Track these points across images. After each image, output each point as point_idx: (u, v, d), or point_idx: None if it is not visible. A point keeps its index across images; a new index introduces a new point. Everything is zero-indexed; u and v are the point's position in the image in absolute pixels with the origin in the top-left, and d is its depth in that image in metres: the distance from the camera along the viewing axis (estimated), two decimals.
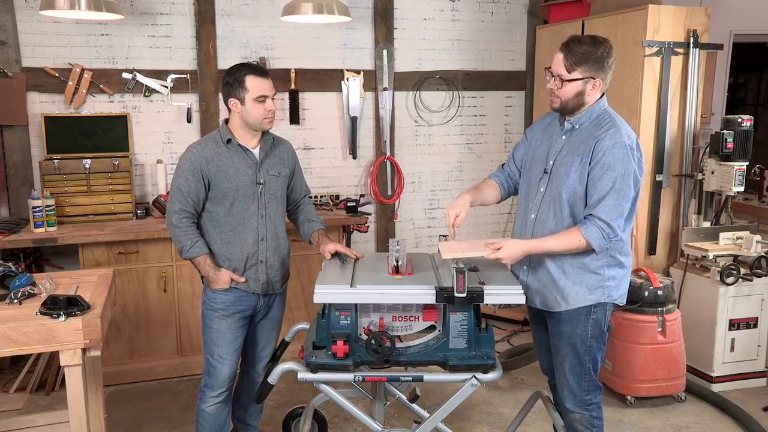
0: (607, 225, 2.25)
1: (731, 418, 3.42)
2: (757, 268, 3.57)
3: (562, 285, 2.39)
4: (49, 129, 3.87)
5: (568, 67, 2.28)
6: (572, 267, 2.38)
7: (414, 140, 4.82)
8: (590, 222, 2.27)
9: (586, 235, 2.26)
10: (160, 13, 4.12)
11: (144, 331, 3.80)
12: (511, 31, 4.94)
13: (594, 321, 2.41)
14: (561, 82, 2.30)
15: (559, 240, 2.31)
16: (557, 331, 2.47)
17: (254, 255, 2.64)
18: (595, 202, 2.27)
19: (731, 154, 3.72)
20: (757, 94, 7.37)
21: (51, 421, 2.95)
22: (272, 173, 2.68)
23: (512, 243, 2.33)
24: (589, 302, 2.39)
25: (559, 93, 2.33)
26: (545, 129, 2.53)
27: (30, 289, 2.40)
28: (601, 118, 2.34)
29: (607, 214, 2.24)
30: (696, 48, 3.89)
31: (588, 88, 2.31)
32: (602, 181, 2.25)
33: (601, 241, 2.26)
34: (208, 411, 2.71)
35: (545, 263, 2.41)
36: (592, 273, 2.38)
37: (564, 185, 2.33)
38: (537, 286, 2.46)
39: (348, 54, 4.55)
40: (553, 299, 2.42)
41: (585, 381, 2.46)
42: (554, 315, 2.45)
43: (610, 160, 2.24)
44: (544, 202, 2.42)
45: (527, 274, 2.49)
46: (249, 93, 2.53)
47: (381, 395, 2.79)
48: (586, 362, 2.44)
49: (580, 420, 2.50)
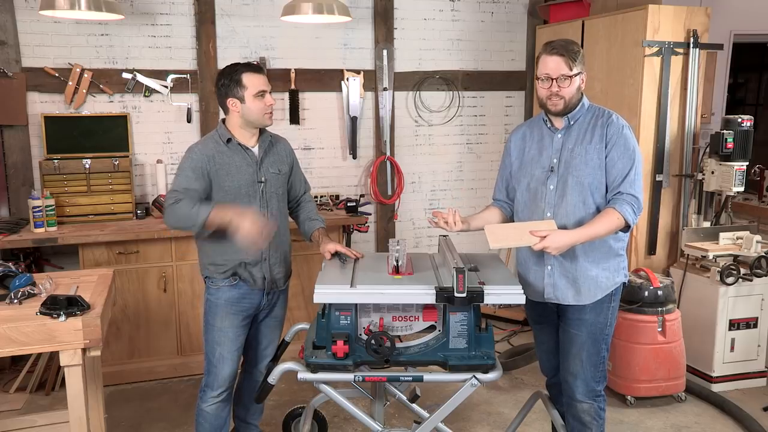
0: (635, 198, 2.37)
1: (731, 418, 3.42)
2: (757, 268, 3.57)
3: (594, 273, 2.46)
4: (49, 129, 3.87)
5: (570, 64, 2.38)
6: (600, 254, 2.46)
7: (414, 140, 4.82)
8: (621, 200, 2.37)
9: (622, 212, 2.34)
10: (160, 13, 4.12)
11: (144, 331, 3.80)
12: (511, 31, 4.94)
13: (613, 307, 2.52)
14: (569, 79, 2.38)
15: (602, 224, 2.36)
16: (578, 320, 2.51)
17: (256, 253, 2.64)
18: (620, 180, 2.39)
19: (731, 154, 3.71)
20: (757, 94, 7.36)
21: (51, 421, 2.96)
22: (272, 171, 2.68)
23: (559, 233, 2.34)
24: (616, 284, 2.50)
25: (563, 93, 2.40)
26: (526, 137, 2.60)
27: (30, 289, 2.41)
28: (594, 110, 2.49)
29: (633, 188, 2.38)
30: (696, 48, 3.89)
31: (581, 83, 2.45)
32: (622, 160, 2.38)
33: (633, 216, 2.37)
34: (208, 410, 2.71)
35: (576, 257, 2.46)
36: (617, 256, 2.49)
37: (584, 174, 2.42)
38: (567, 283, 2.49)
39: (348, 54, 4.55)
40: (587, 290, 2.47)
41: (599, 370, 2.54)
42: (576, 305, 2.49)
43: (624, 140, 2.39)
44: (559, 198, 2.45)
45: (553, 274, 2.51)
46: (248, 90, 2.54)
47: (381, 395, 2.78)
48: (602, 350, 2.53)
49: (588, 410, 2.54)
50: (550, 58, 2.39)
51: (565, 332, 2.56)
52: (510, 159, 2.65)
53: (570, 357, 2.55)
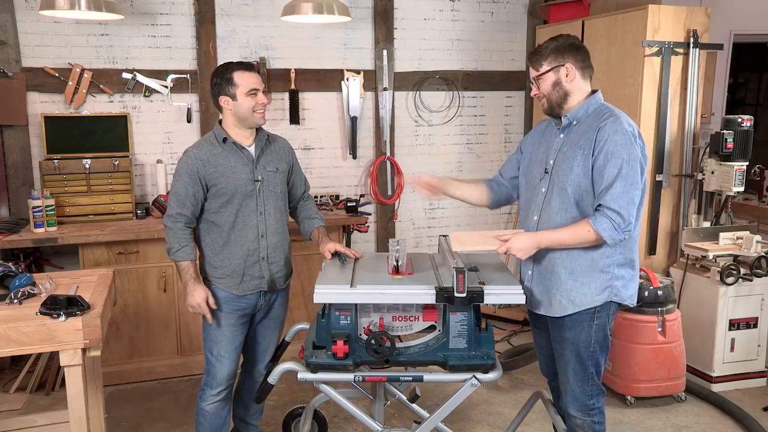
0: (617, 214, 2.18)
1: (731, 418, 3.42)
2: (757, 268, 3.57)
3: (569, 287, 2.34)
4: (49, 129, 3.87)
5: (537, 66, 2.39)
6: (581, 267, 2.32)
7: (414, 140, 4.82)
8: (599, 213, 2.22)
9: (595, 226, 2.20)
10: (160, 13, 4.12)
11: (144, 331, 3.80)
12: (511, 31, 4.94)
13: (597, 326, 2.36)
14: (535, 80, 2.40)
15: (568, 232, 2.26)
16: (560, 337, 2.43)
17: (254, 252, 2.64)
18: (602, 191, 2.21)
19: (731, 154, 3.71)
20: (757, 94, 7.36)
21: (51, 421, 2.95)
22: (269, 170, 2.68)
23: (522, 235, 2.31)
24: (596, 303, 2.33)
25: (541, 92, 2.40)
26: (542, 133, 2.55)
27: (30, 289, 2.41)
28: (600, 111, 2.34)
29: (615, 203, 2.18)
30: (696, 48, 3.88)
31: (562, 76, 2.35)
32: (607, 168, 2.20)
33: (612, 232, 2.19)
34: (208, 410, 2.71)
35: (554, 266, 2.36)
36: (602, 272, 2.32)
37: (568, 180, 2.30)
38: (541, 291, 2.42)
39: (348, 54, 4.55)
40: (558, 303, 2.37)
41: (588, 386, 2.42)
42: (557, 321, 2.41)
43: (613, 147, 2.20)
44: (546, 202, 2.39)
45: (531, 280, 2.45)
46: (239, 88, 2.55)
47: (381, 395, 2.78)
48: (589, 367, 2.40)
49: (581, 426, 2.46)
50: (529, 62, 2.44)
51: (554, 347, 2.51)
52: (523, 148, 2.62)
53: (559, 372, 2.49)
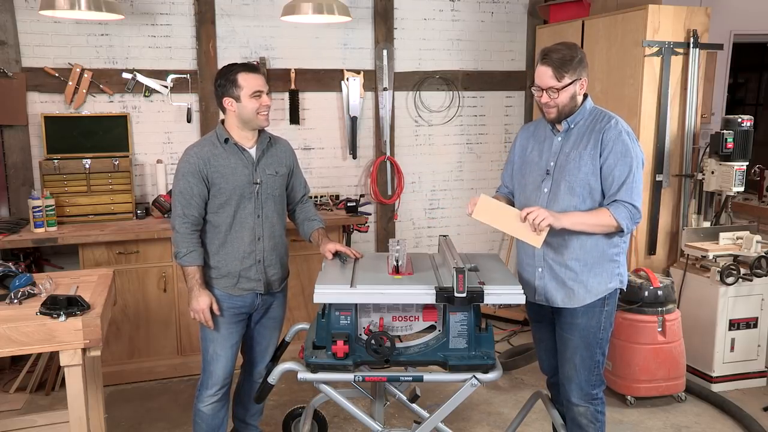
0: (633, 206, 2.35)
1: (731, 418, 3.42)
2: (757, 268, 3.57)
3: (585, 278, 2.45)
4: (49, 129, 3.87)
5: (558, 76, 2.37)
6: (593, 258, 2.44)
7: (414, 140, 4.82)
8: (618, 203, 2.36)
9: (615, 215, 2.34)
10: (160, 13, 4.12)
11: (144, 331, 3.80)
12: (511, 31, 4.94)
13: (607, 312, 2.49)
14: (557, 92, 2.38)
15: (591, 214, 2.37)
16: (570, 324, 2.50)
17: (251, 255, 2.64)
18: (617, 187, 2.36)
19: (731, 154, 3.72)
20: (757, 94, 7.36)
21: (51, 421, 2.95)
22: (269, 172, 2.68)
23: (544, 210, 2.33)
24: (609, 291, 2.47)
25: (555, 102, 2.40)
26: (531, 136, 2.61)
27: (30, 289, 2.41)
28: (596, 114, 2.47)
29: (631, 197, 2.35)
30: (696, 48, 3.88)
31: (578, 89, 2.42)
32: (619, 167, 2.35)
33: (629, 221, 2.35)
34: (205, 410, 2.70)
35: (565, 261, 2.46)
36: (611, 261, 2.46)
37: (577, 180, 2.40)
38: (556, 286, 2.50)
39: (348, 54, 4.55)
40: (577, 294, 2.46)
41: (594, 374, 2.52)
42: (570, 309, 2.49)
43: (622, 147, 2.36)
44: (551, 201, 2.45)
45: (543, 277, 2.52)
46: (243, 90, 2.54)
47: (381, 395, 2.79)
48: (596, 354, 2.50)
49: (584, 413, 2.54)
50: (541, 68, 2.38)
51: (560, 335, 2.57)
52: (514, 156, 2.67)
53: (564, 361, 2.55)
